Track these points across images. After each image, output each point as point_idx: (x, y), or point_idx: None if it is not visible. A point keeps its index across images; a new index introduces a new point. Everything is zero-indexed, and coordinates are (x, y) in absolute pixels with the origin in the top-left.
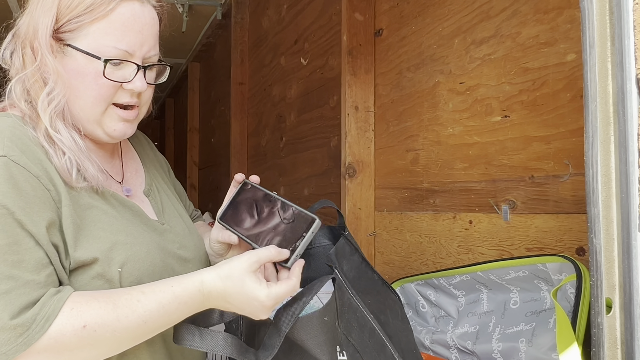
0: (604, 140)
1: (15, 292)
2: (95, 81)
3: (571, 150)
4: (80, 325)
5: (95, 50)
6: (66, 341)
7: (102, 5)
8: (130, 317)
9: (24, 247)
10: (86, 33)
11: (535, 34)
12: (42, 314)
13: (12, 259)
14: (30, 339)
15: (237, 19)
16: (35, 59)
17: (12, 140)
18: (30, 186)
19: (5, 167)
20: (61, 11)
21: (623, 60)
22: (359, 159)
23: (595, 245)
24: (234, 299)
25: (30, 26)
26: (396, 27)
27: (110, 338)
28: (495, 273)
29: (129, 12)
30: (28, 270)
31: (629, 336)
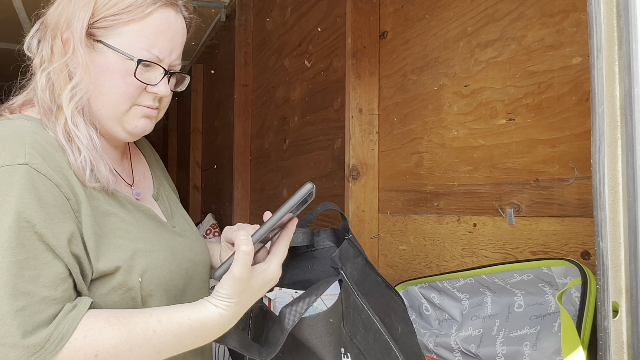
0: (610, 144)
1: (30, 309)
2: (124, 79)
3: (576, 154)
4: (92, 355)
5: (127, 50)
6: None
7: (140, 8)
8: (144, 348)
9: (42, 261)
10: (120, 32)
11: (541, 37)
12: (56, 335)
13: (29, 274)
14: (48, 354)
15: (241, 20)
16: (64, 51)
17: (33, 147)
18: (52, 196)
19: (27, 176)
20: (98, 7)
21: (630, 64)
22: (362, 161)
23: (601, 249)
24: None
25: (63, 17)
26: (401, 29)
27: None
28: (500, 276)
29: (165, 18)
30: (45, 286)
31: (635, 340)
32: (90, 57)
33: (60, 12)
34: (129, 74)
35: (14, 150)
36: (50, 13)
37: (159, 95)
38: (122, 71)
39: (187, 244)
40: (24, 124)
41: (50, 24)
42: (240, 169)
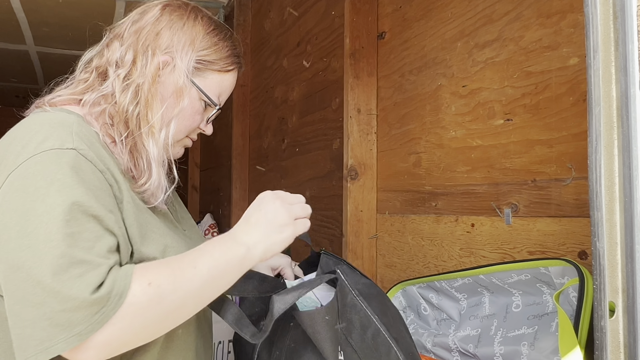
0: (607, 144)
1: (88, 274)
2: (192, 116)
3: (574, 154)
4: (146, 284)
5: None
6: (137, 303)
7: (226, 64)
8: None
9: (95, 234)
10: (205, 77)
11: (538, 37)
12: (118, 285)
13: (83, 246)
14: (110, 310)
15: (240, 21)
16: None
17: (79, 135)
18: (97, 179)
19: (76, 159)
20: (197, 49)
21: (627, 65)
22: (361, 161)
23: (598, 249)
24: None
25: (163, 39)
26: (399, 30)
27: (172, 292)
28: (498, 276)
29: (234, 78)
30: (99, 256)
31: (632, 340)
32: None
33: (158, 33)
34: (197, 112)
35: (62, 136)
36: (143, 28)
37: (206, 133)
38: (195, 109)
39: (194, 245)
40: (68, 117)
41: (145, 41)
42: (239, 169)
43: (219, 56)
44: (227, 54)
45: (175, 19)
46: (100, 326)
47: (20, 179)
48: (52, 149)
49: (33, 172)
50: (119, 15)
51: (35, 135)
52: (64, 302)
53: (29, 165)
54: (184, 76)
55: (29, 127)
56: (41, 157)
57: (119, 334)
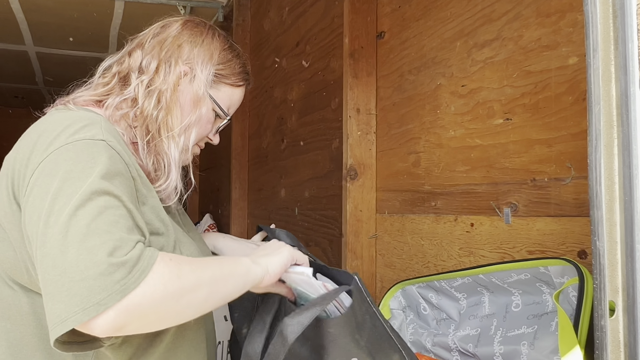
0: (607, 144)
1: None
2: (205, 125)
3: (573, 153)
4: (167, 259)
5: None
6: (160, 274)
7: (239, 79)
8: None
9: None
10: (219, 89)
11: (538, 37)
12: (144, 257)
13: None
14: (133, 282)
15: (239, 21)
16: (180, 82)
17: (107, 130)
18: (125, 169)
19: (106, 149)
20: (214, 63)
21: (627, 64)
22: (360, 161)
23: (598, 248)
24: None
25: (184, 50)
26: (398, 29)
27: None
28: (497, 276)
29: (242, 93)
30: (122, 231)
31: (632, 339)
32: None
33: (181, 45)
34: (209, 121)
35: (92, 129)
36: (165, 40)
37: (213, 142)
38: (207, 118)
39: (198, 247)
40: (95, 115)
41: (167, 51)
42: (238, 169)
43: (232, 71)
44: (239, 70)
45: (195, 34)
46: (121, 296)
47: (51, 164)
48: (85, 139)
49: (64, 158)
50: (118, 15)
51: (67, 127)
52: (86, 270)
53: (61, 151)
54: (203, 86)
55: (58, 121)
56: (74, 145)
57: (141, 300)
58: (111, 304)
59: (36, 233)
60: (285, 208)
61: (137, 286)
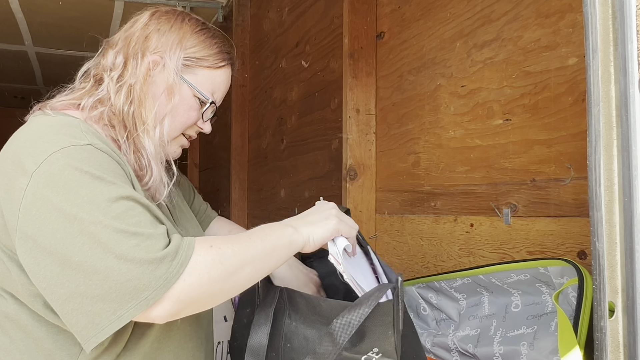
0: (606, 144)
1: (143, 244)
2: (187, 112)
3: (572, 154)
4: (207, 246)
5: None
6: (202, 261)
7: (217, 60)
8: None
9: (137, 211)
10: (196, 73)
11: (537, 37)
12: (184, 247)
13: (131, 221)
14: (174, 274)
15: (238, 21)
16: (151, 73)
17: (89, 133)
18: (118, 167)
19: (95, 152)
20: (186, 47)
21: (626, 65)
22: (360, 161)
23: (598, 249)
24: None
25: (152, 40)
26: (397, 30)
27: (231, 254)
28: (497, 276)
29: (228, 74)
30: (148, 227)
31: (631, 340)
32: None
33: (148, 35)
34: (192, 109)
35: (75, 134)
36: (133, 34)
37: (204, 131)
38: (188, 105)
39: None
40: (73, 119)
41: (135, 44)
42: (238, 169)
43: (208, 53)
44: (216, 50)
45: (162, 22)
46: (166, 289)
47: (46, 176)
48: (70, 145)
49: (58, 168)
50: (118, 15)
51: (47, 135)
52: (128, 271)
53: (51, 161)
54: (173, 73)
55: (37, 129)
56: (62, 154)
57: (189, 290)
58: (158, 297)
59: (55, 244)
60: (285, 208)
61: (179, 277)
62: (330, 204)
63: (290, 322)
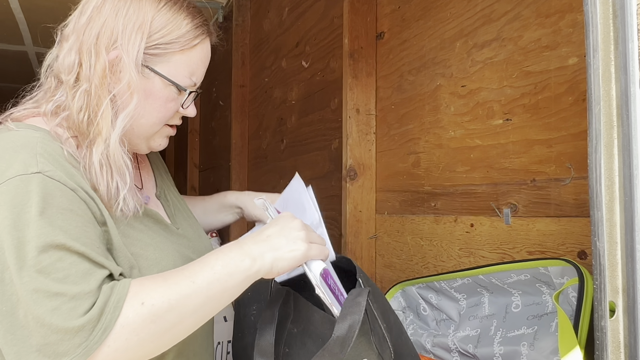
0: (607, 144)
1: (66, 305)
2: (165, 105)
3: (573, 154)
4: (138, 304)
5: (173, 79)
6: (130, 324)
7: (189, 39)
8: (180, 281)
9: (68, 262)
10: (168, 60)
11: (537, 37)
12: (108, 310)
13: (57, 276)
14: (95, 342)
15: (239, 21)
16: (110, 72)
17: (44, 156)
18: (69, 201)
19: (42, 184)
20: (151, 33)
21: (627, 64)
22: (360, 161)
23: (598, 248)
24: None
25: (107, 33)
26: (398, 30)
27: (167, 310)
28: (497, 276)
29: (206, 49)
30: (76, 283)
31: (632, 340)
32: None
33: (102, 26)
34: (170, 99)
35: (25, 160)
36: (86, 24)
37: (188, 115)
38: (165, 97)
39: (190, 245)
40: (33, 135)
41: (88, 38)
42: (238, 169)
43: (178, 34)
44: (187, 27)
45: (118, 5)
46: (86, 357)
47: None
48: (17, 175)
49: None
50: None
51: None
52: (46, 336)
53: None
54: (134, 71)
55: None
56: (7, 186)
57: (115, 355)
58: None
59: None
60: None
61: (101, 344)
62: (294, 222)
63: (292, 327)
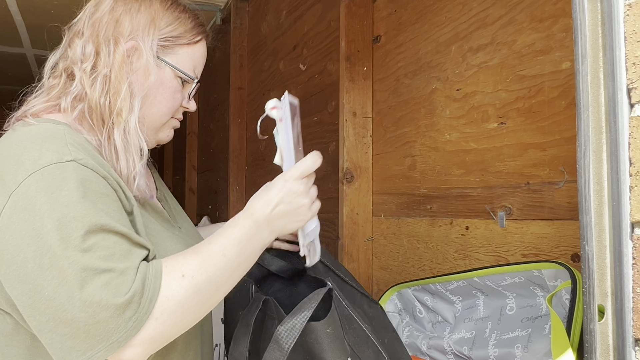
0: (596, 149)
1: (114, 281)
2: (173, 95)
3: (566, 157)
4: (179, 276)
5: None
6: (175, 296)
7: (193, 35)
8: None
9: (111, 241)
10: (175, 52)
11: (531, 42)
12: (149, 286)
13: (102, 254)
14: (144, 314)
15: (237, 24)
16: (129, 60)
17: (74, 145)
18: (103, 186)
19: (78, 171)
20: (161, 26)
21: (614, 70)
22: (356, 164)
23: (587, 252)
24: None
25: (123, 25)
26: (394, 33)
27: (206, 281)
28: (492, 279)
29: (203, 49)
30: (121, 261)
31: (620, 343)
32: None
33: (118, 20)
34: (177, 90)
35: (57, 149)
36: (101, 19)
37: (189, 110)
38: (173, 87)
39: (190, 243)
40: (57, 127)
41: (105, 30)
42: (236, 171)
43: (183, 29)
44: (191, 25)
45: (130, 2)
46: (136, 330)
47: (24, 198)
48: (52, 163)
49: (36, 190)
50: None
51: (29, 151)
52: (95, 315)
53: (30, 182)
54: (149, 57)
55: (20, 144)
56: (42, 174)
57: (162, 328)
58: (129, 339)
59: (26, 275)
60: None
61: (149, 317)
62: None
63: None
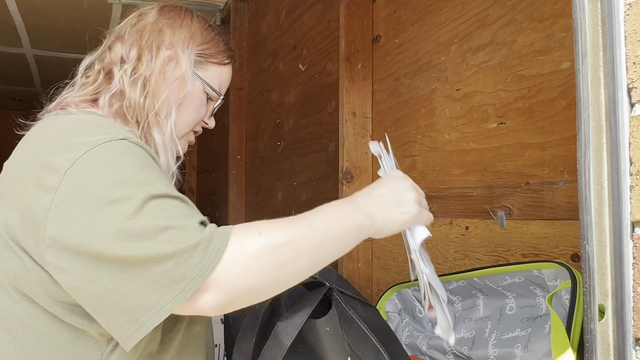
0: (596, 149)
1: (179, 234)
2: (198, 108)
3: (566, 157)
4: (255, 233)
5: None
6: (248, 250)
7: (224, 57)
8: (296, 220)
9: (171, 204)
10: (206, 69)
11: (531, 42)
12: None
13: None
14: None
15: (236, 24)
16: (167, 67)
17: (122, 130)
18: (154, 161)
19: (130, 146)
20: (197, 43)
21: (615, 70)
22: (356, 164)
23: (587, 252)
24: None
25: (165, 35)
26: (394, 33)
27: (285, 243)
28: (491, 279)
29: (230, 72)
30: (183, 218)
31: (621, 342)
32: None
33: (162, 29)
34: (202, 104)
35: (107, 130)
36: (145, 27)
37: (208, 126)
38: (200, 100)
39: None
40: (102, 117)
41: (148, 38)
42: (235, 172)
43: (216, 50)
44: (223, 47)
45: (173, 17)
46: (204, 278)
47: (81, 173)
48: (105, 141)
49: (92, 165)
50: (115, 18)
51: (80, 134)
52: (161, 263)
53: (86, 159)
54: (189, 69)
55: (69, 128)
56: (97, 150)
57: (234, 280)
58: (197, 287)
59: (87, 241)
60: (282, 211)
61: (217, 265)
62: (406, 182)
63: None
